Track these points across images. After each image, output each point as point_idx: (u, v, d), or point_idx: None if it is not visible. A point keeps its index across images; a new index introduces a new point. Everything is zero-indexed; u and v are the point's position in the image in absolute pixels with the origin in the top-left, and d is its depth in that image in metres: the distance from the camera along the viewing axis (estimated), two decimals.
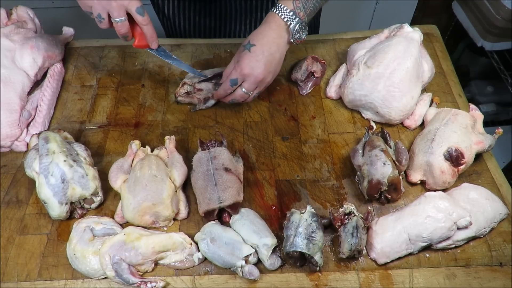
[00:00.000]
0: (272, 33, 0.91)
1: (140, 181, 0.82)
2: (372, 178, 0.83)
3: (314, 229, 0.77)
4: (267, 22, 0.92)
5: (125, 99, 1.07)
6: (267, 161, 0.95)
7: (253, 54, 0.91)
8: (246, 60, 0.91)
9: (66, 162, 0.82)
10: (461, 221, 0.78)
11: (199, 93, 1.03)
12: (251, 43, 0.91)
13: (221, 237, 0.79)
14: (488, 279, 0.79)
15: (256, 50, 0.91)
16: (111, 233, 0.81)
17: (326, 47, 1.19)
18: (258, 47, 0.91)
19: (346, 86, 1.00)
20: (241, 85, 0.93)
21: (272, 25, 0.91)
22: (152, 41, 0.91)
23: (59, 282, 0.78)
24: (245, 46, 0.92)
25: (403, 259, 0.81)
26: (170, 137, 0.95)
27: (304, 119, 1.03)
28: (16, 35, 1.03)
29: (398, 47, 0.96)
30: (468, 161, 0.88)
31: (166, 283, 0.77)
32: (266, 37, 0.91)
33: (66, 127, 1.00)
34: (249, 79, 0.92)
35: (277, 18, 0.91)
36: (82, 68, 1.14)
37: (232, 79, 0.92)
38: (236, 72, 0.92)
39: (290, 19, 0.90)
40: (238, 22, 1.26)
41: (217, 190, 0.82)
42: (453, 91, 1.08)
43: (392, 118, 0.97)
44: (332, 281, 0.78)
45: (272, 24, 0.91)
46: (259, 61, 0.91)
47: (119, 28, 0.85)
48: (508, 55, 1.78)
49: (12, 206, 0.88)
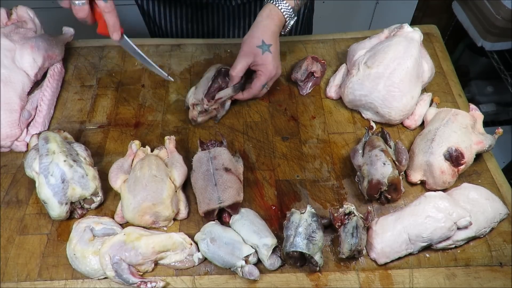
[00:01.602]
0: (276, 28, 0.95)
1: (140, 181, 0.82)
2: (372, 178, 0.83)
3: (314, 229, 0.77)
4: (270, 17, 0.94)
5: (125, 99, 1.07)
6: (267, 161, 0.95)
7: (274, 55, 0.96)
8: (272, 63, 0.96)
9: (66, 162, 0.82)
10: (461, 221, 0.78)
11: (217, 102, 0.99)
12: (266, 43, 0.94)
13: (221, 237, 0.79)
14: (488, 279, 0.79)
15: (274, 49, 0.95)
16: (111, 233, 0.81)
17: (326, 47, 1.19)
18: (274, 46, 0.95)
19: (346, 86, 1.00)
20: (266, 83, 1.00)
21: (275, 20, 0.94)
22: (113, 31, 0.80)
23: (59, 282, 0.78)
24: (262, 47, 0.94)
25: (403, 259, 0.81)
26: (170, 137, 0.95)
27: (304, 119, 1.03)
28: (16, 35, 1.03)
29: (398, 47, 0.96)
30: (468, 161, 0.88)
31: (166, 283, 0.77)
32: (274, 33, 0.95)
33: (66, 127, 1.00)
34: (274, 78, 1.00)
35: (277, 11, 0.93)
36: (82, 68, 1.14)
37: (263, 84, 0.98)
38: (265, 77, 0.97)
39: (289, 15, 0.94)
40: (232, 26, 1.27)
41: (217, 190, 0.82)
42: (453, 91, 1.08)
43: (392, 118, 0.97)
44: (332, 281, 0.78)
45: (276, 19, 0.94)
46: (278, 60, 0.98)
47: (77, 11, 0.77)
48: (508, 55, 1.78)
49: (12, 206, 0.88)
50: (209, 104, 0.97)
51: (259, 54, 0.94)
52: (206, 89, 0.99)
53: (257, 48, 0.94)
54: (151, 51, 1.17)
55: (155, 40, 1.20)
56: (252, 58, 0.95)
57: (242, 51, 0.96)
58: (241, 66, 0.96)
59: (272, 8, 0.94)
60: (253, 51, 0.94)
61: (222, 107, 1.01)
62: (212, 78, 1.00)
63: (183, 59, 1.16)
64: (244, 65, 0.96)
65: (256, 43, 0.94)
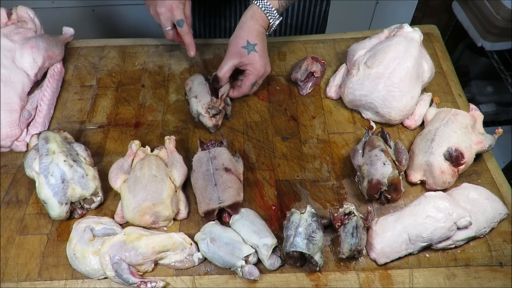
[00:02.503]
0: (261, 28, 0.97)
1: (140, 181, 0.82)
2: (372, 178, 0.83)
3: (314, 229, 0.77)
4: (253, 18, 0.96)
5: (125, 99, 1.07)
6: (267, 161, 0.95)
7: (260, 54, 0.97)
8: (259, 61, 0.97)
9: (66, 162, 0.82)
10: (461, 221, 0.78)
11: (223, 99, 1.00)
12: (251, 43, 0.95)
13: (221, 237, 0.79)
14: (488, 279, 0.79)
15: (260, 48, 0.97)
16: (111, 233, 0.81)
17: (326, 47, 1.19)
18: (259, 45, 0.96)
19: (346, 86, 1.00)
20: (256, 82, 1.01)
21: (259, 20, 0.96)
22: (189, 49, 1.03)
23: (59, 282, 0.78)
24: (247, 48, 0.95)
25: (403, 259, 0.81)
26: (170, 137, 0.95)
27: (304, 119, 1.03)
28: (16, 35, 1.03)
29: (398, 47, 0.96)
30: (468, 161, 0.88)
31: (166, 283, 0.77)
32: (259, 32, 0.96)
33: (66, 127, 1.00)
34: (263, 76, 1.01)
35: (260, 13, 0.96)
36: (82, 68, 1.14)
37: (253, 83, 1.01)
38: (253, 76, 0.99)
39: (272, 16, 0.96)
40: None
41: (217, 190, 0.82)
42: (453, 91, 1.08)
43: (392, 118, 0.97)
44: (332, 281, 0.78)
45: (259, 19, 0.96)
46: (266, 57, 0.99)
47: (165, 35, 1.03)
48: (508, 55, 1.78)
49: (12, 206, 0.88)
50: (219, 103, 0.98)
51: (245, 54, 0.96)
52: (209, 92, 0.99)
53: (242, 48, 0.96)
54: (151, 51, 1.17)
55: (155, 40, 1.20)
56: (238, 58, 0.97)
57: (228, 52, 0.98)
58: (228, 67, 0.98)
59: (255, 9, 0.96)
60: (239, 52, 0.97)
61: (226, 104, 1.02)
62: (205, 82, 1.01)
63: (183, 59, 1.16)
64: (230, 66, 0.98)
65: (241, 43, 0.96)
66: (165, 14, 0.98)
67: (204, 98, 0.97)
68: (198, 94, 0.99)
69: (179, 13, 0.98)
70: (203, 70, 1.13)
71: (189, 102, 1.00)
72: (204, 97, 0.98)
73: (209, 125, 0.97)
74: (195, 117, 0.99)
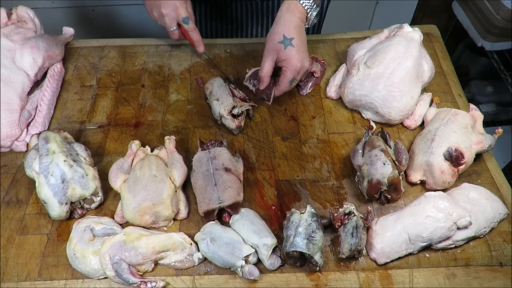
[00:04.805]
0: (298, 21, 0.94)
1: (140, 181, 0.82)
2: (372, 178, 0.83)
3: (314, 229, 0.77)
4: (289, 10, 0.94)
5: (125, 99, 1.07)
6: (267, 161, 0.95)
7: (297, 48, 0.93)
8: (296, 56, 0.93)
9: (66, 162, 0.82)
10: (461, 221, 0.78)
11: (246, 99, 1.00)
12: (288, 37, 0.92)
13: (221, 237, 0.79)
14: (488, 279, 0.79)
15: (297, 42, 0.93)
16: (111, 233, 0.81)
17: (326, 47, 1.19)
18: (296, 39, 0.93)
19: (346, 86, 1.00)
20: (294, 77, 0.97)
21: (296, 12, 0.94)
22: (198, 45, 1.08)
23: (59, 282, 0.78)
24: (284, 42, 0.92)
25: (403, 259, 0.81)
26: (170, 137, 0.95)
27: (304, 119, 1.03)
28: (16, 35, 1.03)
29: (398, 47, 0.96)
30: (468, 161, 0.88)
31: (166, 283, 0.77)
32: (296, 26, 0.93)
33: (66, 127, 1.00)
34: (301, 71, 0.97)
35: (296, 4, 0.93)
36: (82, 68, 1.14)
37: (290, 80, 0.96)
38: (290, 72, 0.95)
39: (309, 6, 0.94)
40: (255, 23, 1.27)
41: (217, 190, 0.82)
42: (453, 91, 1.08)
43: (392, 118, 0.97)
44: (332, 281, 0.78)
45: (296, 11, 0.94)
46: (304, 52, 0.95)
47: (171, 35, 1.06)
48: (508, 55, 1.78)
49: (12, 206, 0.88)
50: (241, 103, 0.97)
51: (282, 49, 0.93)
52: (230, 93, 0.99)
53: (279, 44, 0.93)
54: (151, 51, 1.17)
55: (155, 40, 1.20)
56: (275, 54, 0.94)
57: (266, 50, 0.95)
58: (268, 66, 0.95)
59: (291, 1, 0.93)
60: (275, 48, 0.93)
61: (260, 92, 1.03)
62: (224, 84, 1.01)
63: (183, 59, 1.16)
64: (270, 63, 0.95)
65: (277, 39, 0.93)
66: (170, 14, 0.99)
67: (226, 100, 0.97)
68: (219, 97, 0.98)
69: (183, 11, 0.99)
70: (203, 70, 1.13)
71: (210, 105, 1.00)
72: (225, 99, 0.97)
73: (232, 126, 0.97)
74: (217, 119, 0.99)
